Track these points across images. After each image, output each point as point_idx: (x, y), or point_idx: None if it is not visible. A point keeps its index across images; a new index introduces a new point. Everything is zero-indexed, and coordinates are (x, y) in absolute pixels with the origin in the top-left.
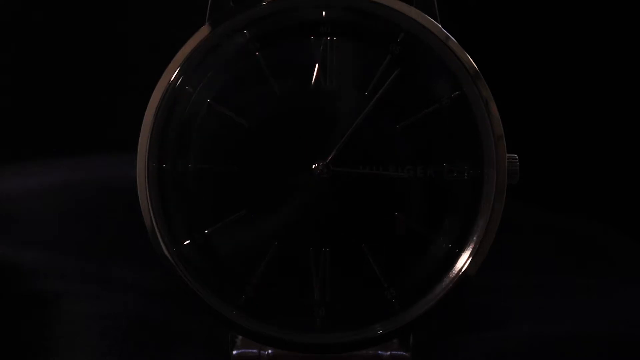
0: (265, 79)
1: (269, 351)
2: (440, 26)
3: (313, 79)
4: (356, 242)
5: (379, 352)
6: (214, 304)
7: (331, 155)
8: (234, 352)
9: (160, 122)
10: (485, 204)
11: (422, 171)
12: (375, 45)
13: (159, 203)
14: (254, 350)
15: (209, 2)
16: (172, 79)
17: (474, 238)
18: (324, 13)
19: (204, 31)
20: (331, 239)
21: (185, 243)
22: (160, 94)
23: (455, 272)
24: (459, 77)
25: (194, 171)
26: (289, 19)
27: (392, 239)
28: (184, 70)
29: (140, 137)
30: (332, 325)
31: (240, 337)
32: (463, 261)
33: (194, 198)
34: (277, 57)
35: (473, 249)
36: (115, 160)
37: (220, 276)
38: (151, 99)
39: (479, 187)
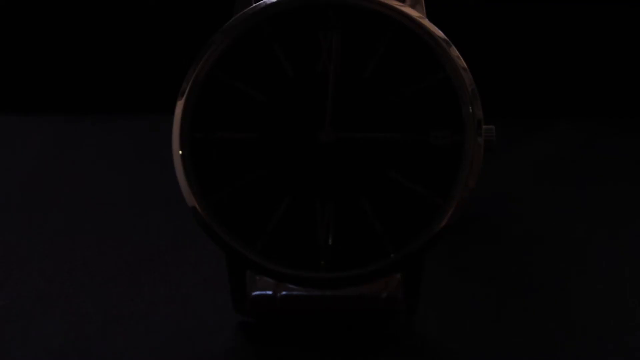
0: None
1: (283, 292)
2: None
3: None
4: (355, 196)
5: (378, 294)
6: (238, 247)
7: (328, 120)
8: (253, 293)
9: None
10: (465, 162)
11: (411, 135)
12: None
13: (191, 165)
14: (269, 292)
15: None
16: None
17: (456, 192)
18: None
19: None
20: (334, 194)
21: (214, 197)
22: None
23: (441, 221)
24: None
25: (220, 138)
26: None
27: (386, 193)
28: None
29: (176, 109)
30: (334, 265)
31: (257, 280)
32: (448, 212)
33: (220, 161)
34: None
35: (455, 201)
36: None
37: (242, 225)
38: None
39: (459, 151)
